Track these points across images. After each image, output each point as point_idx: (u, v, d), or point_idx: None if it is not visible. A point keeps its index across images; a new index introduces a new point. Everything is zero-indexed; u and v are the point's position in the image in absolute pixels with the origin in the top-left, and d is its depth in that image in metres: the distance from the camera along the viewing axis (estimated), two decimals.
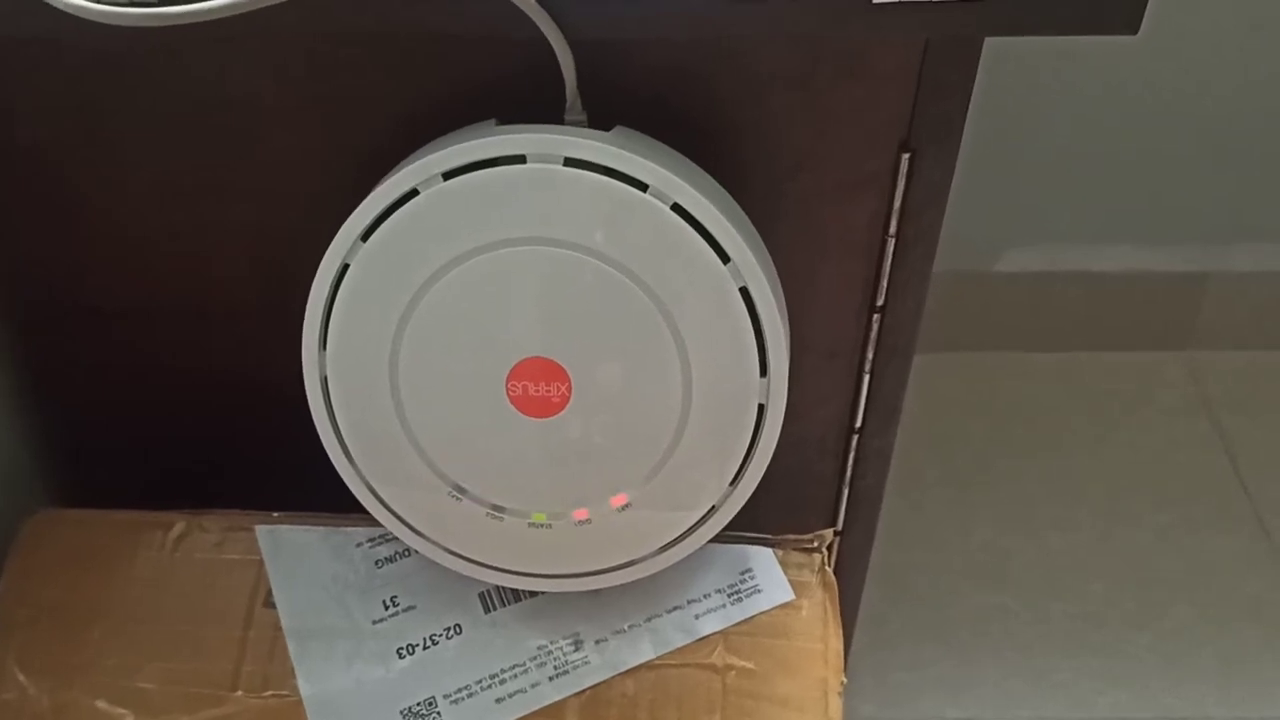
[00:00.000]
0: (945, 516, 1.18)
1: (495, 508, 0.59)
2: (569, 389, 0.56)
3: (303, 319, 0.56)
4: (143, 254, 0.67)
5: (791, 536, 0.65)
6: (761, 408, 0.57)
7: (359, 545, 0.65)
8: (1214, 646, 1.08)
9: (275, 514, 0.66)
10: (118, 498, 0.68)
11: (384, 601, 0.63)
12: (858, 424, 0.73)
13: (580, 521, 0.59)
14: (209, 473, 0.73)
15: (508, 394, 0.56)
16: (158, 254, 0.67)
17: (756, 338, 0.55)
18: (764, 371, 0.56)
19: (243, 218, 0.65)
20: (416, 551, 0.63)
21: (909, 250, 0.64)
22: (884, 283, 0.66)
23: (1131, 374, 1.30)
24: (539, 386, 0.56)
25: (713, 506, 0.60)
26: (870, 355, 0.69)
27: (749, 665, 0.61)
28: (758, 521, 0.64)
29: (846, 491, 0.76)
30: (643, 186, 0.53)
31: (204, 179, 0.63)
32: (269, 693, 0.60)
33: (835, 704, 0.60)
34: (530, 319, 0.55)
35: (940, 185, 0.62)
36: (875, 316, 0.67)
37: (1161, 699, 1.05)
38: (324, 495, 0.62)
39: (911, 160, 0.61)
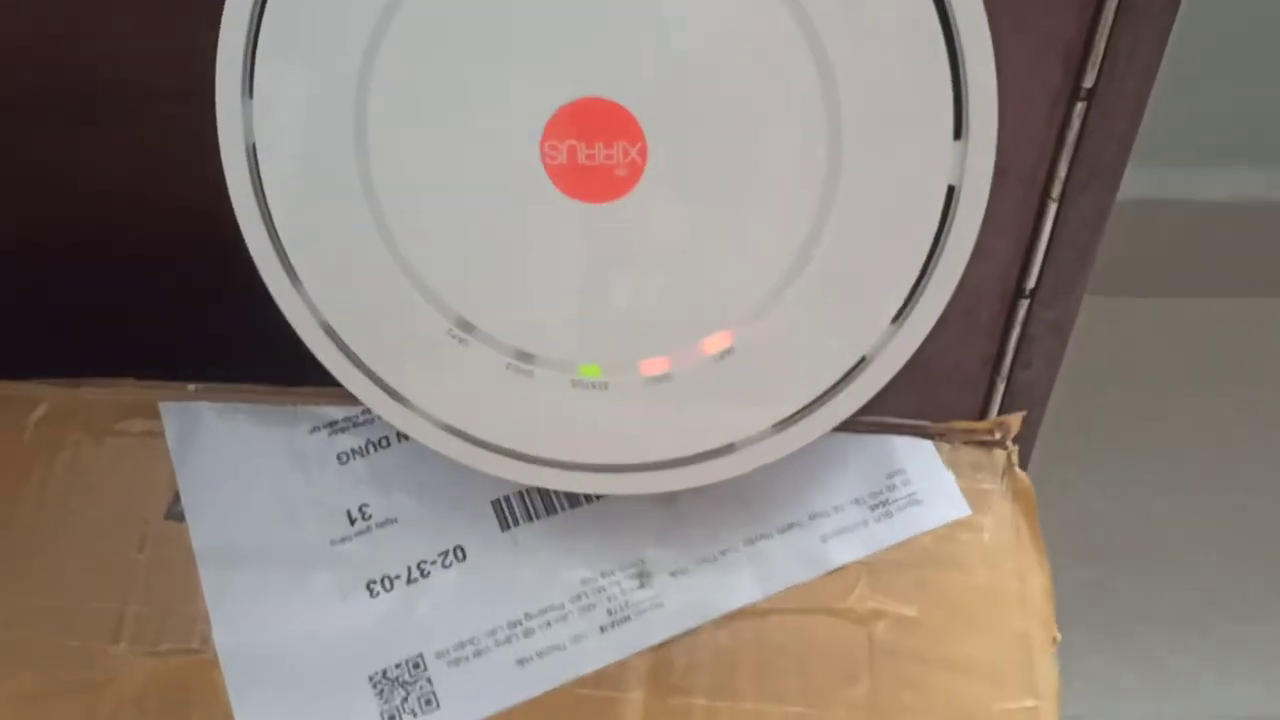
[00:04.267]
0: (1038, 482, 1.05)
1: (520, 355, 0.40)
2: (642, 154, 0.36)
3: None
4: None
5: (961, 425, 0.46)
6: (952, 191, 0.37)
7: (314, 431, 0.47)
8: None
9: (191, 386, 0.47)
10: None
11: (349, 512, 0.45)
12: (1029, 284, 0.53)
13: (653, 379, 0.40)
14: (107, 342, 0.53)
15: (543, 162, 0.37)
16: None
17: (952, 73, 0.35)
18: (960, 132, 0.36)
19: None
20: (399, 436, 0.45)
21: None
22: (1097, 54, 0.45)
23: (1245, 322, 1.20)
24: (594, 150, 0.36)
25: (861, 358, 0.39)
26: (1063, 174, 0.49)
27: (908, 612, 0.42)
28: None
29: (1003, 385, 0.57)
30: None
31: None
32: (166, 646, 0.42)
33: (1046, 667, 0.40)
34: (580, 37, 0.35)
35: None
36: (1079, 108, 0.47)
37: None
38: (260, 358, 0.44)
39: None
